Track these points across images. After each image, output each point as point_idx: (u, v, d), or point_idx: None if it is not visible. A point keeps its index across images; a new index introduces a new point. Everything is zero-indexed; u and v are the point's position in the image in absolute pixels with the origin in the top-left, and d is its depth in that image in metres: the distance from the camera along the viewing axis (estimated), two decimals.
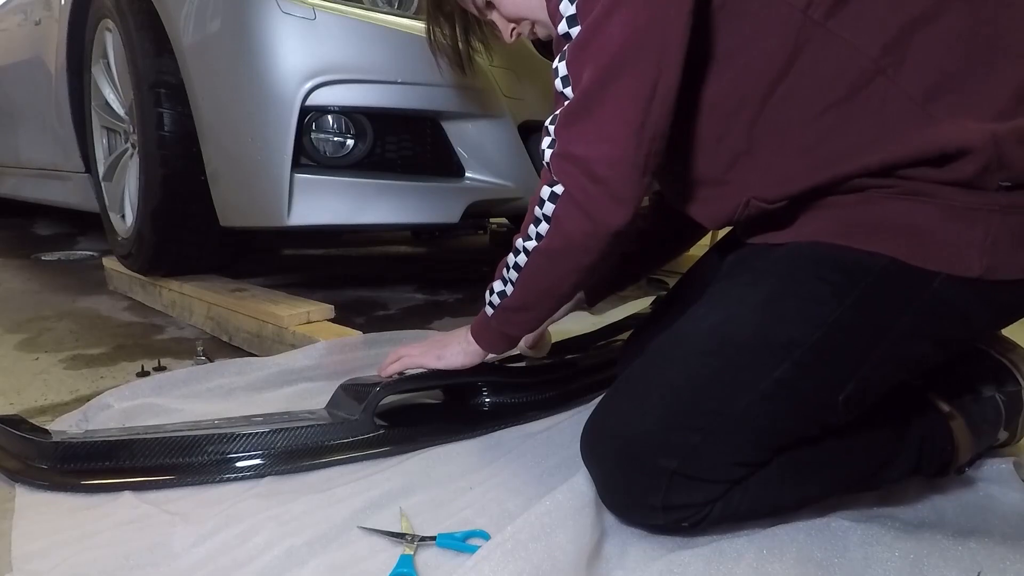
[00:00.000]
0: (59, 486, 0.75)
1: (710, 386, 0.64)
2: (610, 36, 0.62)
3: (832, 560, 0.63)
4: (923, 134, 0.59)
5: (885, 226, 0.62)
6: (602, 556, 0.64)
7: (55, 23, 1.88)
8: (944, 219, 0.60)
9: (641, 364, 0.71)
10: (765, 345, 0.63)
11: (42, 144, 2.15)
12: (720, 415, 0.63)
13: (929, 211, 0.60)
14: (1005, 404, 0.79)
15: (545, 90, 1.52)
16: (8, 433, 0.82)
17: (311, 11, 1.20)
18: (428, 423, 0.91)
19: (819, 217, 0.66)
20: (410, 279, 2.15)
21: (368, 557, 0.63)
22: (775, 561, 0.62)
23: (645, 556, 0.64)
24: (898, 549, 0.64)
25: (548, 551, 0.58)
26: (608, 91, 0.63)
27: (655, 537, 0.67)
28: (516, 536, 0.59)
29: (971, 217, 0.59)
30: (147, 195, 1.46)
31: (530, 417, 0.95)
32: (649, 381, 0.69)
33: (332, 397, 0.93)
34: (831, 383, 0.64)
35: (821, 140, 0.63)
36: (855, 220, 0.63)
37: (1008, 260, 0.59)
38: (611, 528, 0.68)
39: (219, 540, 0.64)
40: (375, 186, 1.31)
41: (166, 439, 0.80)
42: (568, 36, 0.66)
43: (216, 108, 1.30)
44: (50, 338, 1.38)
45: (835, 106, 0.62)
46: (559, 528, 0.61)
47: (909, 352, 0.65)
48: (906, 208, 0.61)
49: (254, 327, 1.30)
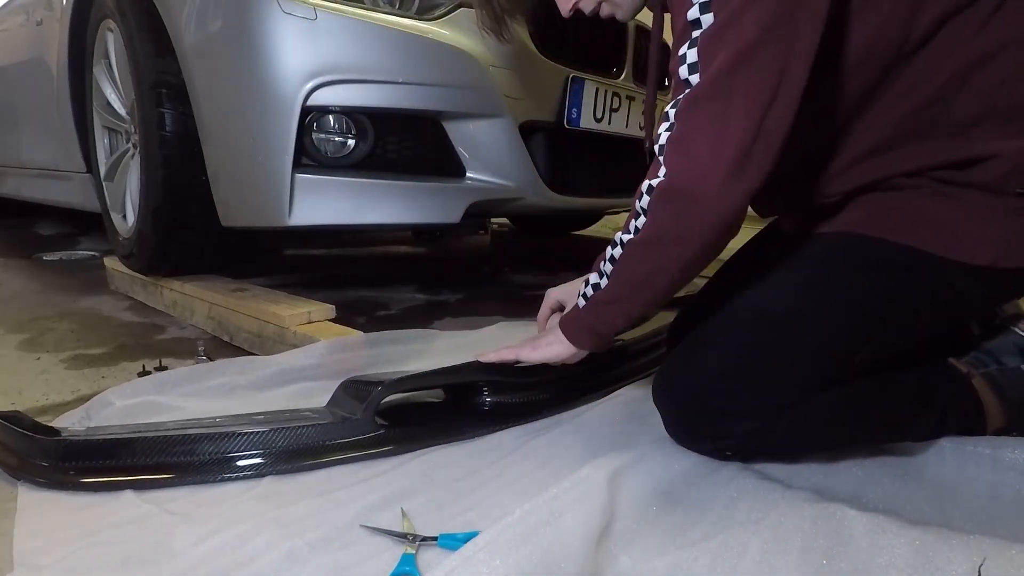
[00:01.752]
0: (60, 484, 0.75)
1: (753, 349, 0.76)
2: (743, 28, 0.63)
3: (837, 549, 0.63)
4: (958, 150, 0.71)
5: (914, 220, 0.73)
6: (611, 538, 0.64)
7: (56, 23, 1.88)
8: (967, 218, 0.71)
9: (700, 331, 0.81)
10: (799, 320, 0.75)
11: (44, 144, 2.16)
12: (757, 369, 0.75)
13: (954, 210, 0.72)
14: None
15: (545, 90, 1.52)
16: (9, 430, 0.82)
17: (312, 11, 1.20)
18: (430, 423, 0.91)
19: (857, 210, 0.77)
20: (411, 279, 2.15)
21: (369, 558, 0.63)
22: (780, 553, 0.62)
23: (652, 549, 0.64)
24: (904, 536, 0.63)
25: (557, 534, 0.58)
26: (735, 82, 0.64)
27: (665, 526, 0.68)
28: (525, 519, 0.59)
29: (989, 217, 0.71)
30: (148, 195, 1.46)
31: (532, 417, 0.95)
32: (707, 344, 0.79)
33: (333, 396, 0.93)
34: (849, 348, 0.76)
35: (883, 147, 0.74)
36: (888, 214, 0.75)
37: (1014, 253, 0.71)
38: (622, 514, 0.68)
39: (220, 540, 0.64)
40: (376, 186, 1.31)
41: (168, 437, 0.80)
42: (698, 23, 0.67)
43: (217, 108, 1.30)
44: (51, 338, 1.38)
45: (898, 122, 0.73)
46: (567, 512, 0.61)
47: (917, 324, 0.77)
48: (934, 206, 0.73)
49: (255, 327, 1.30)
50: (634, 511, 0.69)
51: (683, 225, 0.69)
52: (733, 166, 0.65)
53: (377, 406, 0.87)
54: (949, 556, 0.60)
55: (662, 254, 0.73)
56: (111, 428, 0.87)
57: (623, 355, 1.15)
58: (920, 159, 0.72)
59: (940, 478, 0.79)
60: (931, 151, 0.72)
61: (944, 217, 0.72)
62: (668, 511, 0.71)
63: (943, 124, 0.71)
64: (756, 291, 0.80)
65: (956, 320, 0.83)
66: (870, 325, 0.75)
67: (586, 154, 1.76)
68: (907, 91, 0.71)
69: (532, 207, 1.58)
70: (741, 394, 0.75)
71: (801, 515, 0.67)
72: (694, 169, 0.67)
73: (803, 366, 0.74)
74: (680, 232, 0.70)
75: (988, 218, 0.71)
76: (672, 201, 0.69)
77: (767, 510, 0.69)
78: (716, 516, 0.70)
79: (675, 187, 0.68)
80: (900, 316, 0.76)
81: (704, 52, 0.66)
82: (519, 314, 1.61)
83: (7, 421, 0.83)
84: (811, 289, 0.77)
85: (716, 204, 0.67)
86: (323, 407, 0.92)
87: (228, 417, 0.89)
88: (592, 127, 1.64)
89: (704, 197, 0.67)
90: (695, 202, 0.68)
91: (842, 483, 0.77)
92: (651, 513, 0.70)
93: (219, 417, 0.89)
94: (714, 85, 0.66)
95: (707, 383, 0.77)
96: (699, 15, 0.67)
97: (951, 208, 0.72)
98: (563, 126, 1.57)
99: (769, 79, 0.64)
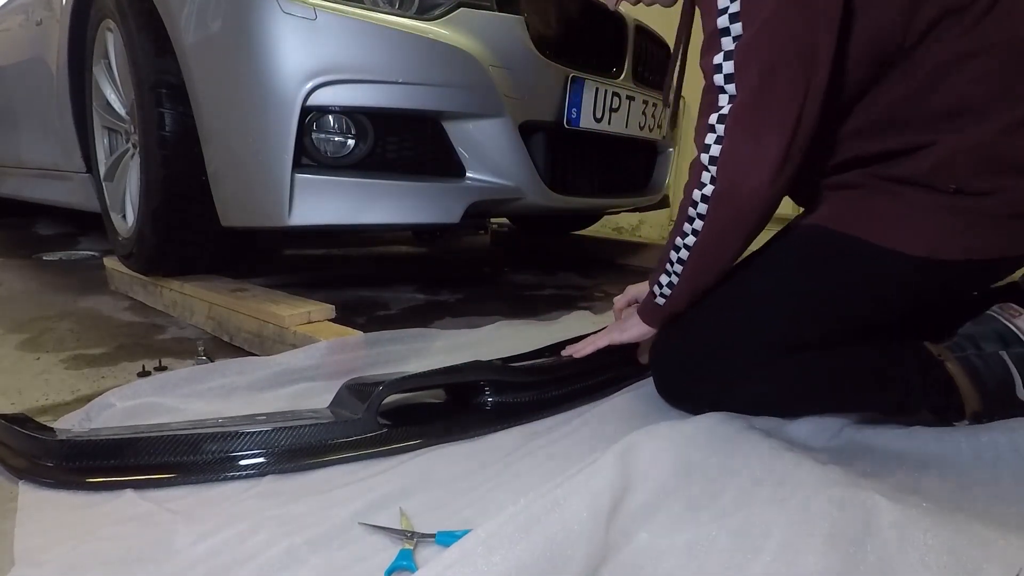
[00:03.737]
0: (64, 484, 0.76)
1: (715, 324, 0.91)
2: (773, 39, 0.73)
3: (865, 538, 0.61)
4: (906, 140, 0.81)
5: (865, 215, 0.84)
6: (627, 514, 0.64)
7: (56, 23, 1.88)
8: (908, 213, 0.81)
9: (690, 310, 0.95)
10: (751, 299, 0.90)
11: (43, 144, 2.16)
12: (718, 341, 0.91)
13: (898, 206, 0.82)
14: (1015, 362, 0.89)
15: (545, 90, 1.52)
16: (13, 431, 0.82)
17: (312, 11, 1.20)
18: (432, 422, 0.91)
19: (823, 207, 0.90)
20: (411, 279, 2.15)
21: (368, 556, 0.63)
22: (806, 536, 0.61)
23: (673, 524, 0.64)
24: (934, 535, 0.61)
25: (561, 521, 0.57)
26: (771, 92, 0.75)
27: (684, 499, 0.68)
28: (528, 509, 0.58)
29: (927, 212, 0.80)
30: (148, 195, 1.46)
31: (535, 416, 0.96)
32: (687, 319, 0.94)
33: (336, 396, 0.93)
34: (795, 324, 0.87)
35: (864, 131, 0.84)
36: (844, 210, 0.86)
37: (948, 246, 0.80)
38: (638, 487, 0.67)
39: (220, 538, 0.65)
40: (376, 186, 1.31)
41: (170, 437, 0.80)
42: (727, 31, 0.76)
43: (217, 108, 1.30)
44: (51, 338, 1.38)
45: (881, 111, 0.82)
46: (573, 495, 0.60)
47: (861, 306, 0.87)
48: (883, 203, 0.83)
49: (255, 327, 1.30)
50: (651, 482, 0.69)
51: (739, 224, 0.82)
52: (774, 174, 0.78)
53: (379, 406, 0.87)
54: (983, 563, 0.59)
55: (720, 248, 0.85)
56: (114, 428, 0.87)
57: (622, 358, 1.15)
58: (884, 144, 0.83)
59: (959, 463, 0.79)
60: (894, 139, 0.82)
61: (890, 212, 0.82)
62: (687, 481, 0.70)
63: (916, 116, 0.80)
64: (731, 275, 0.91)
65: (905, 306, 0.89)
66: (815, 304, 0.87)
67: (586, 154, 1.76)
68: (895, 84, 0.80)
69: (532, 207, 1.58)
70: (704, 362, 0.91)
71: (829, 499, 0.65)
72: (744, 182, 0.79)
73: (752, 340, 0.88)
74: (736, 230, 0.83)
75: (926, 213, 0.80)
76: (728, 207, 0.81)
77: (794, 489, 0.68)
78: (738, 489, 0.69)
79: (729, 195, 0.80)
80: (845, 297, 0.86)
81: (740, 66, 0.76)
82: (519, 314, 1.62)
83: (11, 423, 0.83)
84: (767, 272, 0.91)
85: (763, 206, 0.80)
86: (325, 408, 0.92)
87: (231, 418, 0.90)
88: (592, 127, 1.64)
89: (754, 200, 0.80)
90: (747, 206, 0.80)
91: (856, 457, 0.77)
92: (669, 484, 0.69)
93: (222, 418, 0.89)
94: (754, 101, 0.76)
95: (683, 351, 0.95)
96: (728, 24, 0.75)
97: (896, 204, 0.82)
98: (563, 126, 1.57)
99: (798, 93, 0.74)
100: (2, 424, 0.84)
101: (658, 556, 0.61)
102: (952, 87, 0.77)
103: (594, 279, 2.30)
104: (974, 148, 0.77)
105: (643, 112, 1.82)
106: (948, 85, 0.77)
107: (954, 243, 0.79)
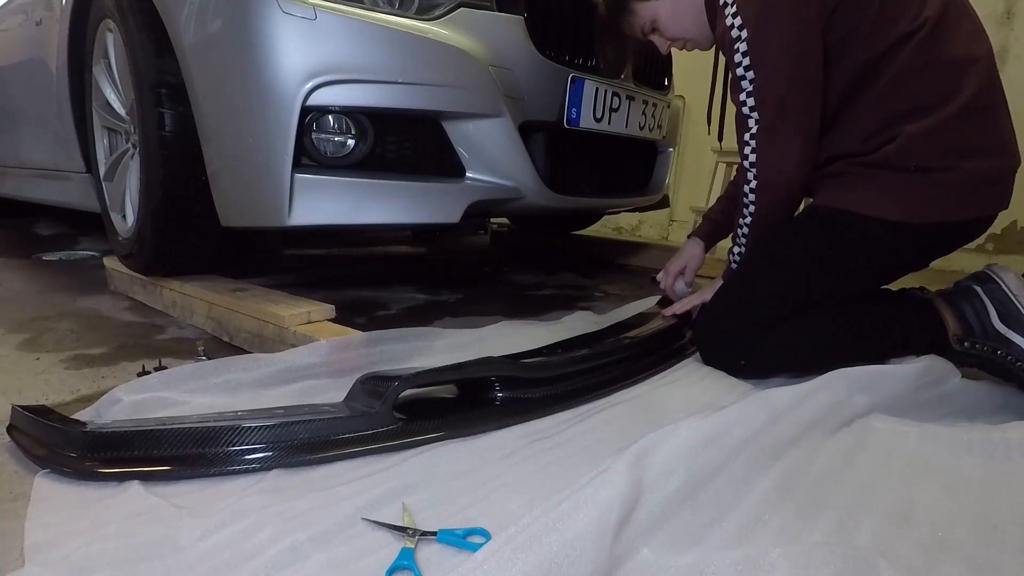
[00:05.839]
0: (86, 474, 0.77)
1: (745, 287, 1.19)
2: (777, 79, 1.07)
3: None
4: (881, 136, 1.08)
5: (852, 195, 1.10)
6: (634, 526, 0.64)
7: (56, 23, 1.88)
8: (883, 188, 1.07)
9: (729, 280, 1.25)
10: (770, 266, 1.16)
11: (43, 144, 2.16)
12: (746, 301, 1.16)
13: (875, 184, 1.08)
14: (989, 297, 1.12)
15: (545, 90, 1.53)
16: (37, 422, 0.83)
17: (312, 11, 1.20)
18: (446, 416, 0.92)
19: (818, 194, 1.17)
20: (411, 279, 2.15)
21: (370, 552, 0.63)
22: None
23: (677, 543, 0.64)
24: None
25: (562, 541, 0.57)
26: (785, 118, 1.08)
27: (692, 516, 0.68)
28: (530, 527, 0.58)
29: (897, 187, 1.06)
30: (148, 195, 1.46)
31: (542, 413, 0.97)
32: (723, 288, 1.25)
33: (350, 391, 0.94)
34: (807, 283, 1.13)
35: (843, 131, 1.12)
36: (837, 193, 1.13)
37: (916, 211, 1.05)
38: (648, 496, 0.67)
39: (225, 534, 0.65)
40: (376, 186, 1.31)
41: (196, 429, 0.81)
42: (743, 77, 1.09)
43: (217, 108, 1.30)
44: (51, 338, 1.38)
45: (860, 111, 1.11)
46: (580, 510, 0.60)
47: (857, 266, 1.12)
48: (863, 183, 1.09)
49: (255, 327, 1.30)
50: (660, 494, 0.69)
51: (777, 207, 1.15)
52: (800, 168, 1.11)
53: (396, 400, 0.88)
54: None
55: (765, 221, 1.17)
56: (136, 420, 0.88)
57: (631, 355, 1.16)
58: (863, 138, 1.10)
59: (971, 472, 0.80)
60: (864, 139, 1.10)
61: (871, 190, 1.08)
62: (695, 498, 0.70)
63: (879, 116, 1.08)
64: (761, 248, 1.19)
65: (893, 263, 1.14)
66: (825, 263, 1.12)
67: (586, 154, 1.76)
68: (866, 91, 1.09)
69: (532, 207, 1.58)
70: (737, 317, 1.16)
71: (832, 553, 0.62)
72: (778, 177, 1.12)
73: (774, 297, 1.14)
74: (775, 209, 1.15)
75: (896, 188, 1.06)
76: (768, 195, 1.14)
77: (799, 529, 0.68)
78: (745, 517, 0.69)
79: (769, 186, 1.13)
80: (846, 257, 1.11)
81: (760, 101, 1.09)
82: (519, 314, 1.62)
83: (34, 414, 0.85)
84: (786, 244, 1.16)
85: (794, 191, 1.14)
86: (340, 402, 0.93)
87: (251, 411, 0.90)
88: (592, 127, 1.64)
89: (787, 188, 1.13)
90: (782, 192, 1.14)
91: None
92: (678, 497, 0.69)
93: (241, 411, 0.90)
94: (775, 121, 1.09)
95: (720, 313, 1.21)
96: (744, 73, 1.09)
97: (875, 184, 1.08)
98: (563, 126, 1.57)
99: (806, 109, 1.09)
100: (26, 415, 0.85)
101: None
102: (908, 92, 1.05)
103: (594, 279, 2.31)
104: (927, 136, 1.03)
105: (643, 112, 1.83)
106: (905, 90, 1.05)
107: (920, 209, 1.05)
